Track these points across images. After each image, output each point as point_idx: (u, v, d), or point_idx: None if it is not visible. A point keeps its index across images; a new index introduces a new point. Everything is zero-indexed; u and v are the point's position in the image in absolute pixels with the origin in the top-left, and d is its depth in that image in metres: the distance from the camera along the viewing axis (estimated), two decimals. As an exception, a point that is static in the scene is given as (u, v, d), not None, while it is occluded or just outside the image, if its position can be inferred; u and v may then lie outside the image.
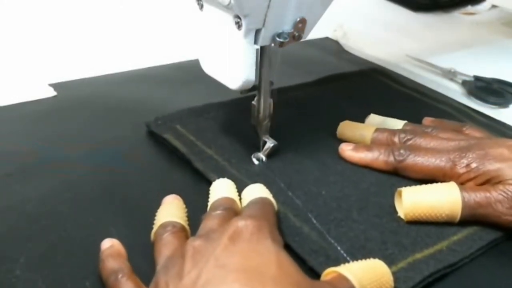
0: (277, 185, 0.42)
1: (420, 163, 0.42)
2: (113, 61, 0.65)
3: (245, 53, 0.40)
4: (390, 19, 0.90)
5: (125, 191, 0.42)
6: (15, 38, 0.71)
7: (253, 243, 0.30)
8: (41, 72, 0.61)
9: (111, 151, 0.47)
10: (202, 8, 0.42)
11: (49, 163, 0.44)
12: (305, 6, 0.40)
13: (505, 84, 0.63)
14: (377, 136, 0.47)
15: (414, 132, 0.46)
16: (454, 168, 0.41)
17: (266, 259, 0.29)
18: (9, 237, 0.36)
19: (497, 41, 0.83)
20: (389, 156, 0.44)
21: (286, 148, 0.46)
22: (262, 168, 0.44)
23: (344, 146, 0.46)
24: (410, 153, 0.43)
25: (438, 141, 0.44)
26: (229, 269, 0.27)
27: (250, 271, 0.27)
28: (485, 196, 0.38)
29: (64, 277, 0.33)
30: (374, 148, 0.45)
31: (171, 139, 0.47)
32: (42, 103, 0.54)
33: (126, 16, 0.81)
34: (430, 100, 0.59)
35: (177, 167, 0.45)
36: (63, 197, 0.40)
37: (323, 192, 0.41)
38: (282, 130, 0.47)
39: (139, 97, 0.57)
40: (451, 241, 0.37)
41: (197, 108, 0.52)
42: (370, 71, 0.65)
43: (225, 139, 0.47)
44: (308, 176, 0.43)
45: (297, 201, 0.40)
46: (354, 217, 0.39)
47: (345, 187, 0.42)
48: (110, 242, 0.34)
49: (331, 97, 0.57)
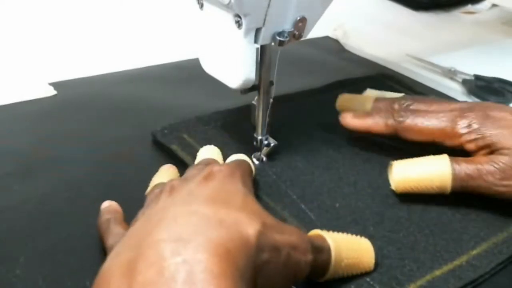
0: (289, 197, 0.41)
1: (420, 124, 0.42)
2: (113, 60, 0.65)
3: (245, 52, 0.40)
4: (390, 18, 0.90)
5: (125, 191, 0.42)
6: (15, 38, 0.70)
7: (224, 184, 0.32)
8: (41, 71, 0.61)
9: (111, 151, 0.47)
10: (202, 7, 0.42)
11: (49, 162, 0.44)
12: (305, 5, 0.40)
13: (506, 83, 0.63)
14: (377, 105, 0.46)
15: (414, 98, 0.45)
16: (455, 127, 0.40)
17: (234, 194, 0.31)
18: (9, 236, 0.36)
19: (497, 40, 0.83)
20: (389, 118, 0.43)
21: (296, 155, 0.46)
22: (275, 179, 0.43)
23: (345, 114, 0.46)
24: (411, 115, 0.42)
25: (439, 104, 0.43)
26: (199, 197, 0.30)
27: (217, 200, 0.30)
28: (476, 168, 0.38)
29: (64, 277, 0.33)
30: (374, 113, 0.45)
31: (178, 150, 0.45)
32: (42, 102, 0.54)
33: (126, 16, 0.81)
34: None
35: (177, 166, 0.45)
36: (63, 196, 0.40)
37: (337, 205, 0.40)
38: (288, 135, 0.48)
39: (139, 97, 0.57)
40: (470, 256, 0.36)
41: (205, 116, 0.50)
42: (379, 75, 0.64)
43: (234, 150, 0.45)
44: (321, 187, 0.42)
45: (310, 215, 0.39)
46: (370, 232, 0.38)
47: (359, 200, 0.41)
48: (108, 203, 0.37)
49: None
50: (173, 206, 0.29)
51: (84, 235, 0.37)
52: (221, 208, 0.28)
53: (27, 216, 0.38)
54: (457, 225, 0.39)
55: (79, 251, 0.35)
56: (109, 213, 0.36)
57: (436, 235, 0.38)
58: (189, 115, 0.53)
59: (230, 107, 0.53)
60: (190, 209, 0.28)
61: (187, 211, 0.28)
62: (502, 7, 0.98)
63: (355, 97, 0.49)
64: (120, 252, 0.27)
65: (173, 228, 0.27)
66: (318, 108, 0.54)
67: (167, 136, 0.47)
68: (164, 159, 0.46)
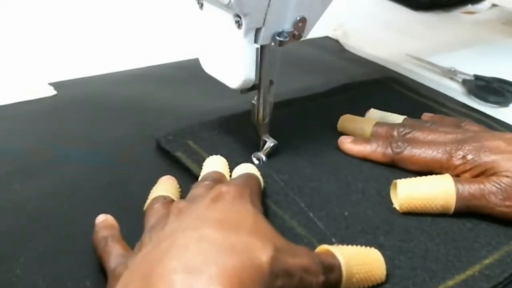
0: (297, 205, 0.40)
1: (417, 155, 0.43)
2: (113, 60, 0.65)
3: (245, 52, 0.40)
4: (390, 18, 0.90)
5: (125, 191, 0.42)
6: (15, 38, 0.70)
7: (234, 204, 0.32)
8: (41, 71, 0.61)
9: (111, 151, 0.47)
10: (202, 7, 0.42)
11: (49, 162, 0.44)
12: (305, 5, 0.40)
13: (505, 83, 0.63)
14: (376, 130, 0.47)
15: (412, 126, 0.46)
16: (450, 159, 0.41)
17: (244, 216, 0.30)
18: (9, 236, 0.36)
19: (497, 40, 0.83)
20: (386, 148, 0.44)
21: (303, 161, 0.45)
22: (282, 186, 0.42)
23: (344, 138, 0.47)
24: (408, 145, 0.43)
25: (436, 134, 0.44)
26: (208, 220, 0.29)
27: (227, 223, 0.29)
28: (479, 187, 0.38)
29: (64, 277, 0.33)
30: (372, 140, 0.45)
31: (183, 158, 0.44)
32: (42, 102, 0.54)
33: (126, 16, 0.81)
34: (449, 111, 0.57)
35: (177, 166, 0.45)
36: (63, 196, 0.40)
37: (345, 213, 0.39)
38: (295, 140, 0.47)
39: (139, 97, 0.57)
40: (483, 265, 0.36)
41: (209, 121, 0.50)
42: (384, 79, 0.63)
43: (240, 156, 0.45)
44: (329, 195, 0.41)
45: (319, 224, 0.38)
46: (380, 242, 0.37)
47: (368, 208, 0.40)
48: (104, 217, 0.36)
49: (344, 107, 0.53)
50: (182, 232, 0.28)
51: (84, 235, 0.37)
52: (231, 232, 0.28)
53: (27, 216, 0.38)
54: (468, 234, 0.38)
55: (79, 251, 0.35)
56: (106, 229, 0.35)
57: (448, 244, 0.37)
58: (189, 115, 0.53)
59: (232, 108, 0.53)
60: (200, 234, 0.27)
61: (197, 236, 0.27)
62: (502, 7, 0.98)
63: (356, 120, 0.50)
64: (128, 284, 0.26)
65: (184, 256, 0.26)
66: (323, 112, 0.53)
67: (171, 142, 0.46)
68: (164, 160, 0.46)
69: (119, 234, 0.35)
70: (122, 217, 0.39)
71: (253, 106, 0.44)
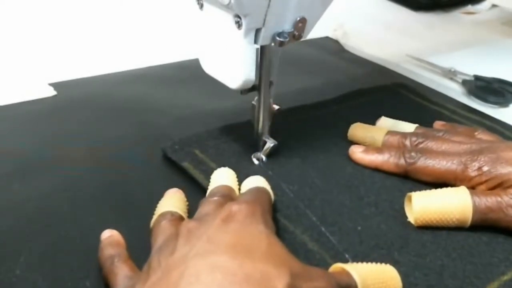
0: (308, 218, 0.39)
1: (431, 166, 0.42)
2: (113, 61, 0.65)
3: (245, 52, 0.40)
4: (390, 19, 0.90)
5: (125, 191, 0.42)
6: (15, 38, 0.70)
7: (245, 225, 0.30)
8: (41, 71, 0.61)
9: (111, 151, 0.47)
10: (202, 8, 0.42)
11: (49, 162, 0.44)
12: (305, 5, 0.40)
13: (505, 84, 0.63)
14: (388, 139, 0.46)
15: (425, 136, 0.45)
16: (465, 171, 0.40)
17: (257, 239, 0.29)
18: (9, 236, 0.36)
19: (497, 41, 0.83)
20: (399, 158, 0.43)
21: (313, 171, 0.44)
22: (292, 198, 0.40)
23: (355, 148, 0.46)
24: (421, 156, 0.42)
25: (450, 144, 0.43)
26: (219, 245, 0.28)
27: (240, 247, 0.28)
28: (496, 200, 0.37)
29: (64, 277, 0.33)
30: (384, 150, 0.44)
31: (190, 168, 0.43)
32: (42, 103, 0.54)
33: (126, 16, 0.81)
34: (461, 119, 0.55)
35: (177, 166, 0.45)
36: (63, 196, 0.40)
37: (358, 227, 0.38)
38: (304, 149, 0.46)
39: (139, 97, 0.57)
40: (501, 282, 0.35)
41: (216, 129, 0.48)
42: (394, 85, 0.62)
43: (249, 166, 0.44)
44: (341, 208, 0.40)
45: (332, 239, 0.37)
46: (395, 258, 0.35)
47: (382, 222, 0.39)
48: (109, 232, 0.35)
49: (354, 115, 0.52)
50: (193, 259, 0.27)
51: (84, 235, 0.37)
52: (246, 259, 0.27)
53: (27, 216, 0.38)
54: (485, 248, 0.37)
55: (79, 251, 0.35)
56: (112, 247, 0.34)
57: (464, 259, 0.36)
58: (190, 115, 0.53)
59: (232, 108, 0.53)
60: (212, 262, 0.26)
61: (209, 265, 0.26)
62: (502, 8, 0.98)
63: (366, 128, 0.48)
64: None
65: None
66: (332, 119, 0.52)
67: (178, 152, 0.45)
68: (164, 160, 0.46)
69: (126, 253, 0.33)
70: (122, 217, 0.39)
71: (253, 106, 0.44)
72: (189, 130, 0.50)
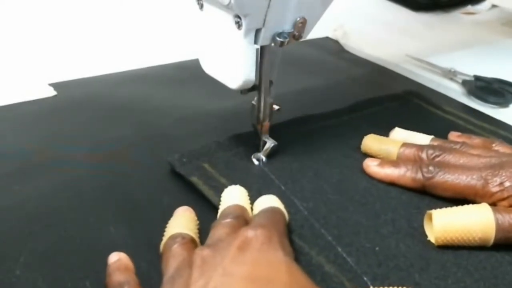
0: (324, 238, 0.37)
1: (450, 181, 0.40)
2: (113, 61, 0.65)
3: (245, 52, 0.40)
4: (390, 19, 0.90)
5: (125, 191, 0.42)
6: (15, 38, 0.71)
7: (263, 253, 0.29)
8: (41, 71, 0.61)
9: (111, 151, 0.47)
10: (202, 8, 0.42)
11: (49, 163, 0.44)
12: (305, 5, 0.40)
13: (505, 84, 0.63)
14: (403, 152, 0.44)
15: (442, 148, 0.43)
16: (486, 186, 0.39)
17: (276, 269, 0.28)
18: (9, 236, 0.36)
19: (497, 41, 0.83)
20: (417, 172, 0.41)
21: (327, 186, 0.42)
22: (307, 216, 0.39)
23: (369, 161, 0.44)
24: (439, 170, 0.40)
25: (468, 157, 0.42)
26: (237, 278, 0.27)
27: (259, 280, 0.27)
28: None
29: (64, 277, 0.33)
30: (401, 164, 0.43)
31: (200, 184, 0.41)
32: (42, 103, 0.54)
33: (126, 16, 0.81)
34: (476, 129, 0.53)
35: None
36: (63, 197, 0.40)
37: (376, 248, 0.36)
38: (316, 162, 0.45)
39: (139, 97, 0.57)
40: None
41: (225, 141, 0.47)
42: (405, 93, 0.60)
43: (261, 182, 0.42)
44: (357, 226, 0.38)
45: (349, 261, 0.35)
46: (415, 280, 0.34)
47: (400, 241, 0.37)
48: (117, 256, 0.33)
49: (366, 125, 0.51)
50: None
51: (84, 235, 0.37)
52: None
53: (27, 216, 0.38)
54: (509, 268, 0.35)
55: (79, 251, 0.35)
56: (120, 272, 0.32)
57: (487, 280, 0.34)
58: (190, 115, 0.53)
59: (232, 109, 0.53)
60: None
61: None
62: (502, 8, 0.98)
63: (381, 140, 0.47)
64: None
65: None
66: (344, 130, 0.51)
67: (186, 165, 0.43)
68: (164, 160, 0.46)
69: (135, 279, 0.32)
70: (122, 217, 0.39)
71: (253, 106, 0.44)
72: (189, 130, 0.50)
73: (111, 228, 0.37)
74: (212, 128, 0.51)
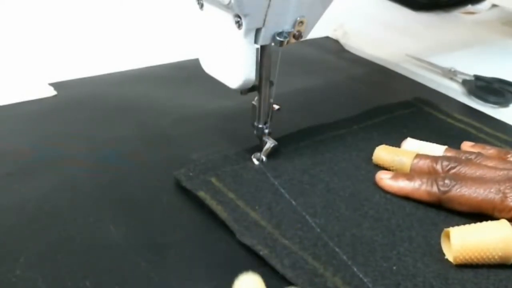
0: (338, 258, 0.35)
1: (467, 195, 0.38)
2: (113, 61, 0.65)
3: (245, 52, 0.40)
4: (390, 19, 0.90)
5: (125, 191, 0.42)
6: (15, 38, 0.71)
7: None
8: (41, 71, 0.61)
9: (111, 151, 0.47)
10: (202, 8, 0.42)
11: (49, 162, 0.44)
12: (305, 5, 0.40)
13: (506, 84, 0.63)
14: (417, 163, 0.43)
15: (458, 160, 0.42)
16: (505, 200, 0.37)
17: None
18: (9, 236, 0.36)
19: (497, 41, 0.83)
20: (432, 186, 0.40)
21: (340, 201, 0.41)
22: (319, 233, 0.37)
23: (382, 174, 0.43)
24: (456, 183, 0.39)
25: (485, 170, 0.40)
26: None
27: None
28: None
29: (64, 277, 0.33)
30: (415, 177, 0.41)
31: (207, 199, 0.40)
32: (42, 103, 0.54)
33: (126, 16, 0.81)
34: (487, 137, 0.52)
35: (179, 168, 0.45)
36: (63, 196, 0.40)
37: (394, 267, 0.35)
38: (327, 175, 0.44)
39: (139, 97, 0.57)
40: None
41: (233, 154, 0.45)
42: (415, 101, 0.59)
43: (271, 196, 0.41)
44: (372, 244, 0.37)
45: (366, 281, 0.34)
46: None
47: (418, 260, 0.36)
48: None
49: (376, 134, 0.51)
50: None
51: (84, 235, 0.37)
52: None
53: (27, 216, 0.38)
54: None
55: (79, 251, 0.35)
56: None
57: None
58: (190, 115, 0.53)
59: (232, 109, 0.53)
60: None
61: None
62: (502, 8, 0.98)
63: (393, 151, 0.45)
64: None
65: None
66: (354, 140, 0.49)
67: (192, 179, 0.42)
68: (164, 160, 0.46)
69: None
70: (122, 217, 0.39)
71: (253, 106, 0.44)
72: (189, 130, 0.50)
73: (111, 228, 0.37)
74: (212, 128, 0.51)
